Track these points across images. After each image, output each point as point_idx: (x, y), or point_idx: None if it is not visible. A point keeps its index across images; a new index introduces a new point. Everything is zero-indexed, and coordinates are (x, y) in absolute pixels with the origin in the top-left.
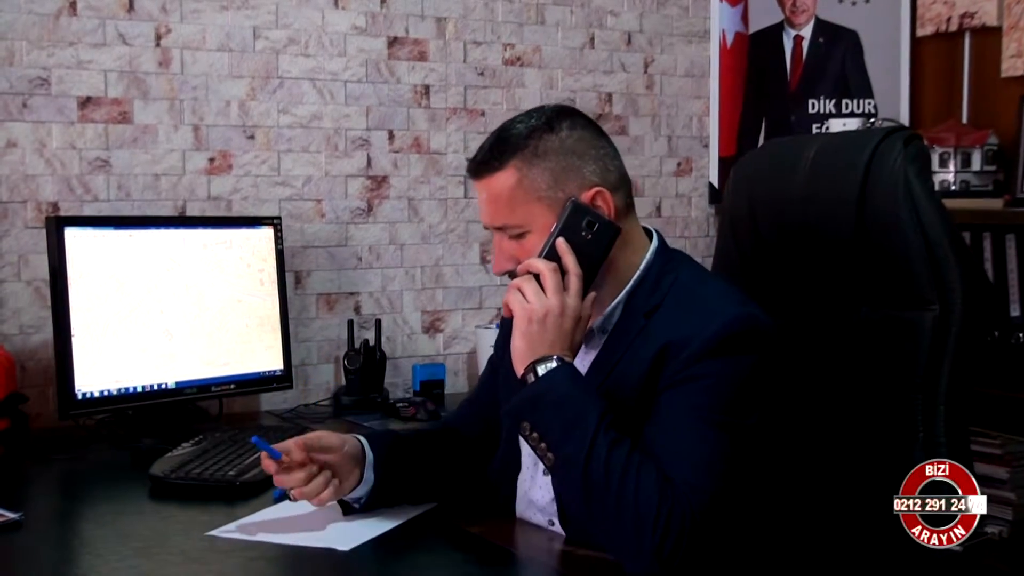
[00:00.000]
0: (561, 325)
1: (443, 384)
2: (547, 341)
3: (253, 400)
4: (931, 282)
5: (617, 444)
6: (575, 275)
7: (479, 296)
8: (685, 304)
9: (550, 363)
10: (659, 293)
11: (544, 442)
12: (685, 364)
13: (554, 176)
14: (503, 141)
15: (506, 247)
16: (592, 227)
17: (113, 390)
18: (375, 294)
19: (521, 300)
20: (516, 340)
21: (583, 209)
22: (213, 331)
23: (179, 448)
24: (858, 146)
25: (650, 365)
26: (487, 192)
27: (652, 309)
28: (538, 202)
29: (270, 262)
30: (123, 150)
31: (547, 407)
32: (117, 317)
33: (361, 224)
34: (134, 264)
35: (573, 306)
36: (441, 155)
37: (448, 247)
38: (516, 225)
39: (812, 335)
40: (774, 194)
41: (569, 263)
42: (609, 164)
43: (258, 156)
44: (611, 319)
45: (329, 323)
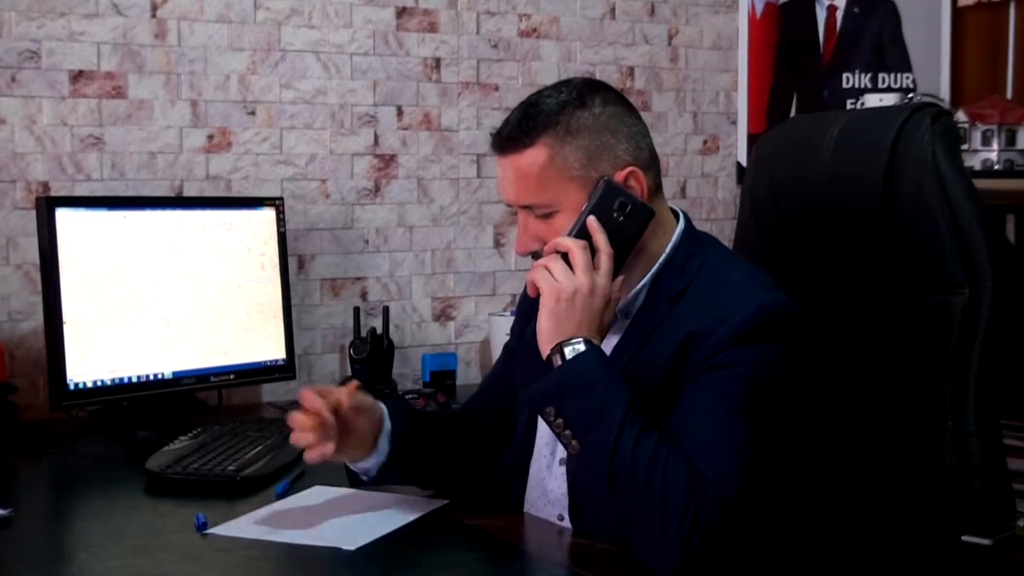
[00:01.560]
0: (590, 305)
1: (454, 375)
2: (575, 321)
3: (254, 391)
4: (960, 265)
5: (644, 434)
6: (606, 254)
7: (492, 282)
8: (712, 289)
9: (578, 346)
10: (685, 277)
11: (569, 429)
12: (711, 352)
13: (587, 154)
14: (532, 116)
15: (532, 227)
16: (624, 209)
17: (107, 380)
18: (383, 279)
19: (548, 278)
20: (542, 319)
21: (616, 190)
22: (212, 318)
23: (176, 441)
24: (884, 123)
25: (675, 352)
26: (514, 170)
27: (678, 294)
28: (569, 181)
29: (272, 245)
30: (117, 127)
31: (574, 393)
32: (111, 303)
33: (368, 205)
34: (129, 247)
35: (603, 286)
36: (452, 132)
37: (460, 230)
38: (544, 204)
39: (835, 321)
40: (797, 173)
41: (600, 242)
42: (641, 142)
43: (259, 133)
44: (635, 303)
45: (334, 310)
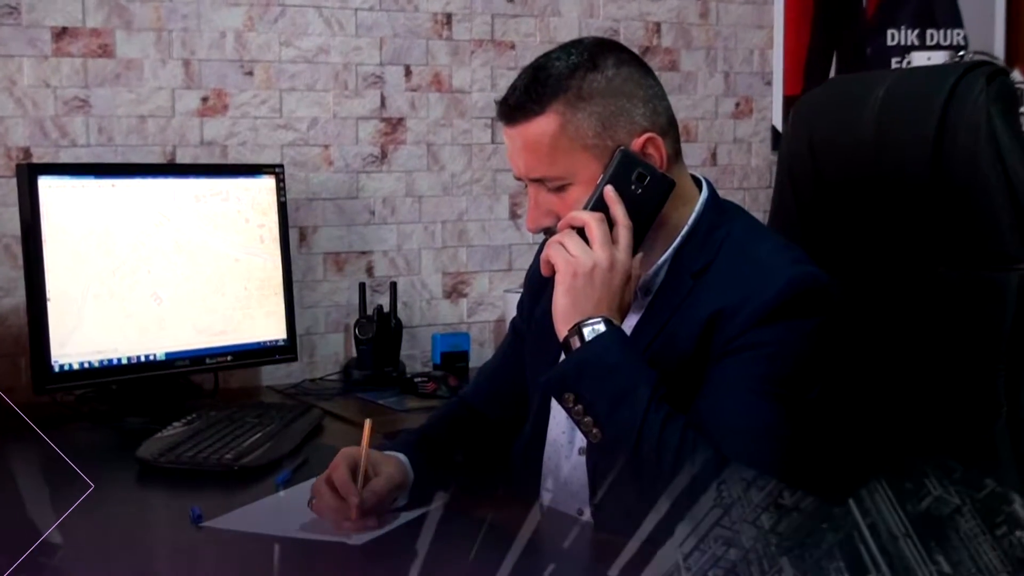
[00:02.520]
0: (610, 281)
1: (467, 356)
2: (594, 299)
3: (253, 374)
4: (1017, 237)
5: (671, 420)
6: (625, 227)
7: (508, 256)
8: (738, 263)
9: (597, 326)
10: (709, 250)
11: (590, 415)
12: (739, 331)
13: (601, 121)
14: (541, 81)
15: (543, 201)
16: (643, 180)
17: (94, 362)
18: (390, 253)
19: (564, 253)
20: (559, 297)
21: (633, 160)
22: (207, 295)
23: (169, 428)
24: (935, 83)
25: (700, 332)
26: (523, 140)
27: (701, 269)
28: (583, 151)
29: (271, 216)
30: (104, 88)
31: (595, 376)
32: (98, 279)
33: (374, 173)
34: (117, 218)
35: (623, 260)
36: (465, 94)
37: (473, 199)
38: (557, 177)
39: (880, 297)
40: (838, 138)
41: (618, 214)
42: (658, 105)
43: (257, 95)
44: (656, 279)
45: (338, 286)
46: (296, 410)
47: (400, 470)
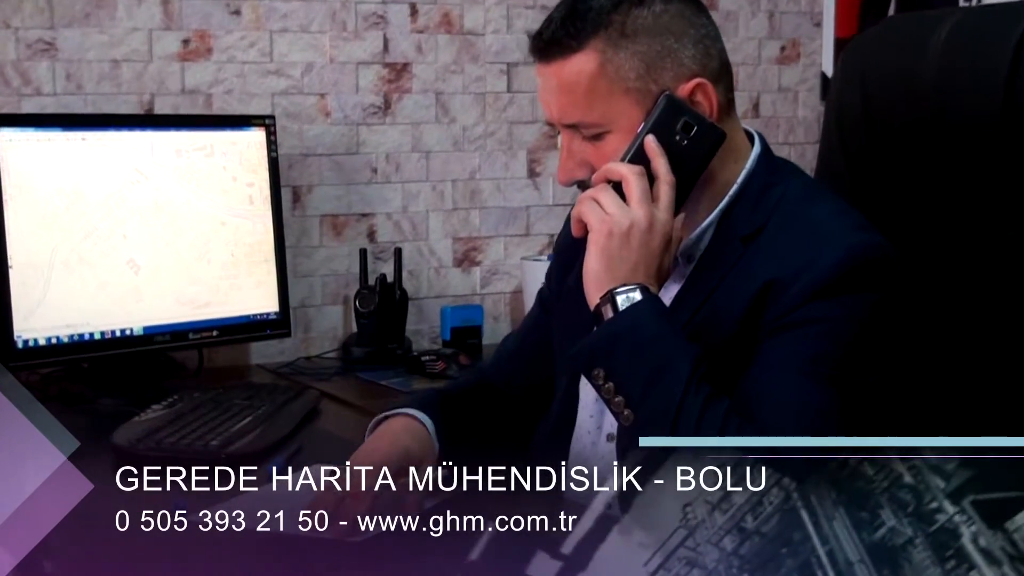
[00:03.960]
0: (648, 243)
1: (480, 332)
2: (630, 262)
3: (241, 351)
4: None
5: (712, 402)
6: (667, 183)
7: (526, 219)
8: (793, 228)
9: (633, 294)
10: (761, 213)
11: (621, 395)
12: (792, 305)
13: (645, 63)
14: (580, 15)
15: (577, 150)
16: (689, 130)
17: (63, 337)
18: (394, 216)
19: (598, 211)
20: (591, 260)
21: (680, 107)
22: (190, 263)
23: (148, 411)
24: (1006, 21)
25: (749, 304)
26: (557, 80)
27: (752, 233)
28: (624, 95)
29: (261, 174)
30: (72, 29)
31: (628, 350)
32: (67, 244)
33: (376, 126)
34: (88, 176)
35: (664, 221)
36: (478, 36)
37: (487, 156)
38: (593, 123)
39: (944, 266)
40: (895, 85)
41: (660, 168)
42: (711, 47)
43: (245, 37)
44: (700, 243)
45: (336, 253)
46: (290, 392)
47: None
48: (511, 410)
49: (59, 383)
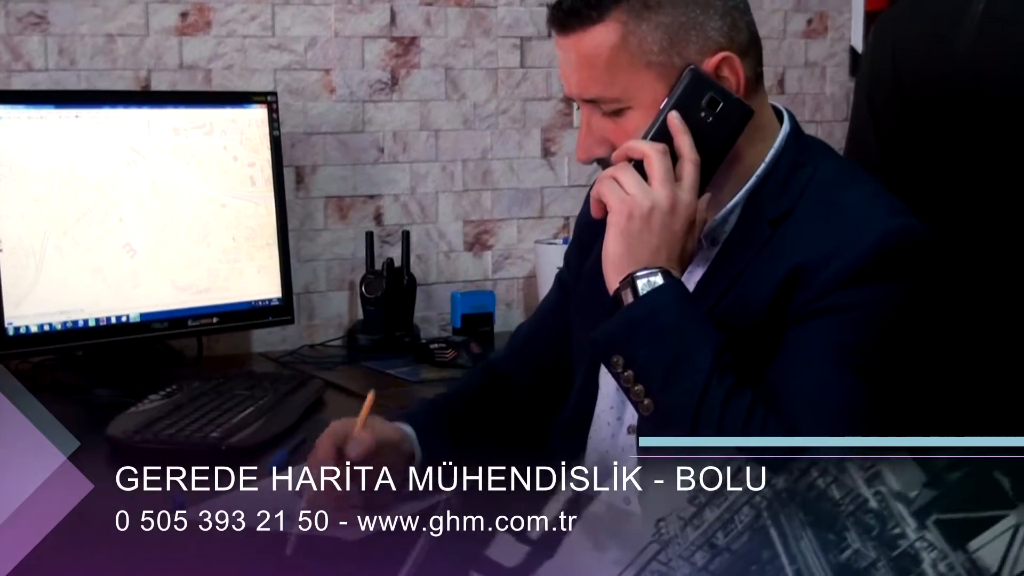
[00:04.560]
0: (670, 226)
1: (492, 319)
2: (651, 245)
3: (242, 339)
4: None
5: (736, 393)
6: (691, 162)
7: (540, 201)
8: (824, 211)
9: (654, 278)
10: (790, 195)
11: (640, 383)
12: (822, 291)
13: (669, 35)
14: None
15: (597, 126)
16: (715, 107)
17: (56, 324)
18: (402, 197)
19: (618, 191)
20: (610, 243)
21: (705, 82)
22: (189, 246)
23: (145, 401)
24: None
25: (776, 290)
26: (576, 52)
27: (780, 216)
28: (646, 69)
29: (263, 153)
30: (65, 2)
31: (649, 337)
32: (60, 227)
33: (383, 103)
34: (82, 155)
35: (687, 202)
36: (489, 9)
37: (499, 134)
38: (614, 98)
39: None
40: (928, 53)
41: (684, 146)
42: (739, 20)
43: (246, 10)
44: (725, 226)
45: (341, 236)
46: (293, 381)
47: (399, 433)
48: (521, 402)
49: (52, 372)
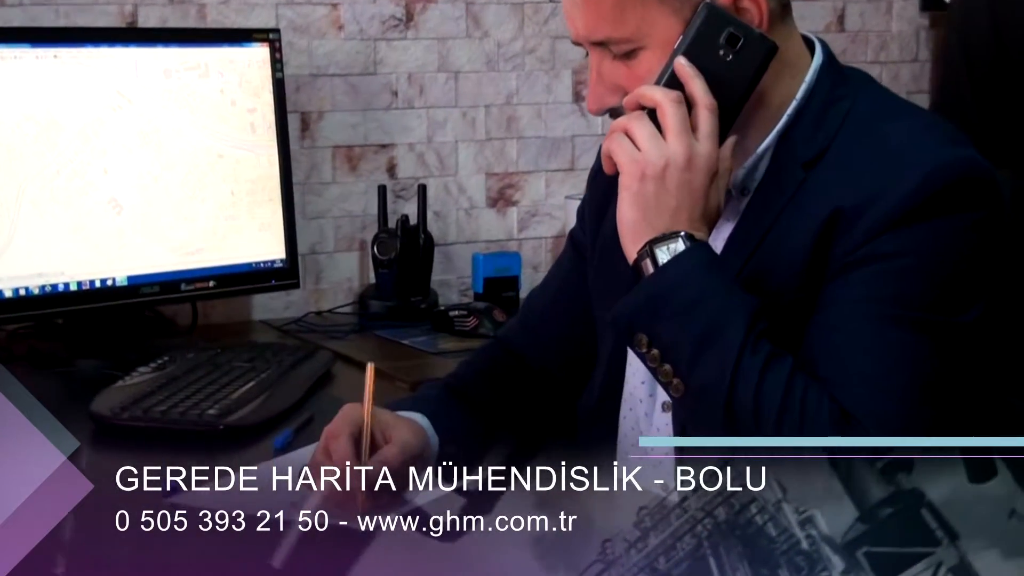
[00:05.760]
0: (689, 183)
1: (517, 283)
2: (669, 207)
3: (242, 305)
4: None
5: (773, 362)
6: (706, 108)
7: (571, 151)
8: (865, 148)
9: (675, 243)
10: (825, 133)
11: (668, 362)
12: (865, 237)
13: None
14: None
15: (608, 73)
16: (734, 44)
17: (33, 288)
18: (417, 147)
19: (629, 148)
20: (624, 208)
21: (722, 17)
22: (182, 201)
23: (134, 374)
24: None
25: (814, 240)
26: None
27: (815, 157)
28: (659, 4)
29: (264, 98)
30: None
31: (673, 311)
32: (38, 180)
33: (397, 41)
34: (62, 100)
35: (705, 153)
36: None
37: (525, 77)
38: (624, 39)
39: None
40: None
41: (696, 91)
42: None
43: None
44: (755, 173)
45: (351, 190)
46: (298, 352)
47: (418, 436)
48: (536, 380)
49: (28, 341)
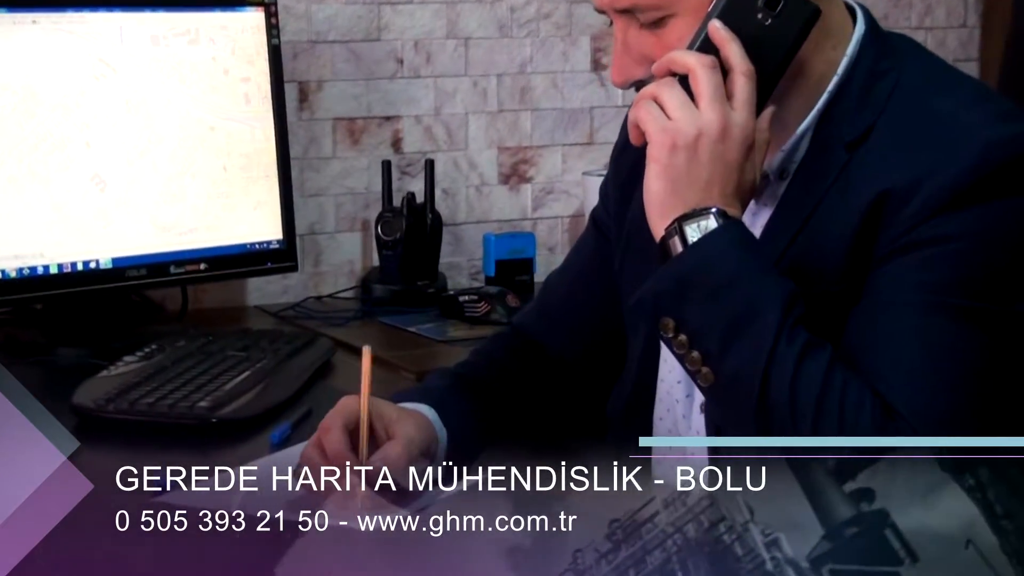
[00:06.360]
0: (723, 154)
1: (531, 266)
2: (700, 181)
3: (236, 289)
4: None
5: (811, 352)
6: (743, 74)
7: (589, 123)
8: (913, 124)
9: (706, 221)
10: (870, 110)
11: (697, 349)
12: (916, 220)
13: None
14: None
15: (634, 42)
16: (773, 8)
17: (10, 271)
18: (424, 120)
19: (659, 116)
20: (652, 181)
21: None
22: (171, 178)
23: (119, 364)
24: None
25: (859, 224)
26: None
27: (860, 136)
28: None
29: (260, 66)
30: None
31: (703, 294)
32: (15, 155)
33: (402, 5)
34: (41, 68)
35: (741, 123)
36: None
37: (540, 44)
38: (653, 5)
39: None
40: None
41: (732, 55)
42: None
43: None
44: (795, 155)
45: (353, 166)
46: (296, 340)
47: (423, 429)
48: (556, 370)
49: (5, 329)
